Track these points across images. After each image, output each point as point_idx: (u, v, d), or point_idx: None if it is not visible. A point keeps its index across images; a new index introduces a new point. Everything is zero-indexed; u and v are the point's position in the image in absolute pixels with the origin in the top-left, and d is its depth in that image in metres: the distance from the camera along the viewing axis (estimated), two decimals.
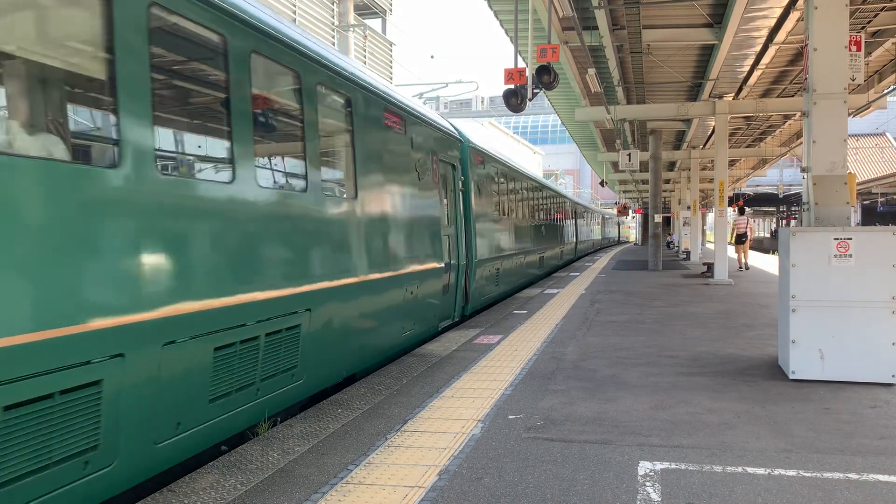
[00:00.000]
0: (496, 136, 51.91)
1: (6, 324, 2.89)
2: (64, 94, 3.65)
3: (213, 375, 4.32)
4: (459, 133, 11.05)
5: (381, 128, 7.14)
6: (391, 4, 25.05)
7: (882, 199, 44.69)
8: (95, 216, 3.38)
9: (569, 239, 28.66)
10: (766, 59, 15.18)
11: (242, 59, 4.67)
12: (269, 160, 5.28)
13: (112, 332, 3.43)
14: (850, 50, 7.00)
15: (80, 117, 3.84)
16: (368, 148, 6.72)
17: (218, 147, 4.67)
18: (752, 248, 30.57)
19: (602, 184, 37.30)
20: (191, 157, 4.62)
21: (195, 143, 4.68)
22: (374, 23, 24.34)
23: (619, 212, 55.53)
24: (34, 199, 3.05)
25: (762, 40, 14.11)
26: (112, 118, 3.60)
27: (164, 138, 4.13)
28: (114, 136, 3.59)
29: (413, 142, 8.26)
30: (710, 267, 19.64)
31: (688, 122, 22.68)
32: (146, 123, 3.76)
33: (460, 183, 10.62)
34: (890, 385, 6.21)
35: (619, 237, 78.17)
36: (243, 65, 4.68)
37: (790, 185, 57.38)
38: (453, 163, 10.28)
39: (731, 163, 33.75)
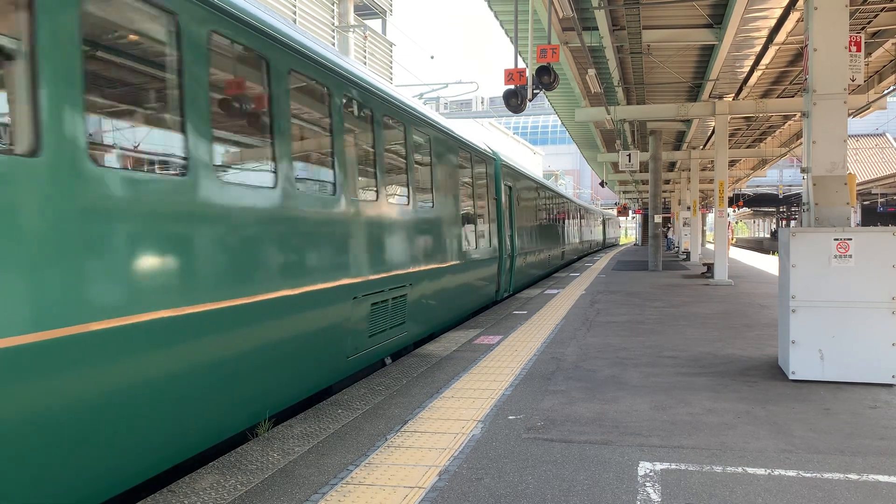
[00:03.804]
0: (496, 137, 51.93)
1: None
2: None
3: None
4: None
5: None
6: (391, 5, 25.05)
7: (882, 200, 44.69)
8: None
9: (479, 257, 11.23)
10: (766, 60, 15.19)
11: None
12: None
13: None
14: (849, 50, 7.00)
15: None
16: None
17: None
18: (751, 248, 30.51)
19: (602, 184, 37.27)
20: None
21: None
22: (375, 23, 24.35)
23: (619, 212, 54.94)
24: None
25: (762, 41, 14.12)
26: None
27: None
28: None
29: None
30: (710, 267, 19.65)
31: (688, 122, 22.70)
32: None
33: None
34: (890, 385, 6.21)
35: (604, 240, 57.19)
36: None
37: (790, 186, 57.41)
38: None
39: (731, 163, 33.79)
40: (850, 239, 6.34)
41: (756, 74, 16.34)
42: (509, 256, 14.23)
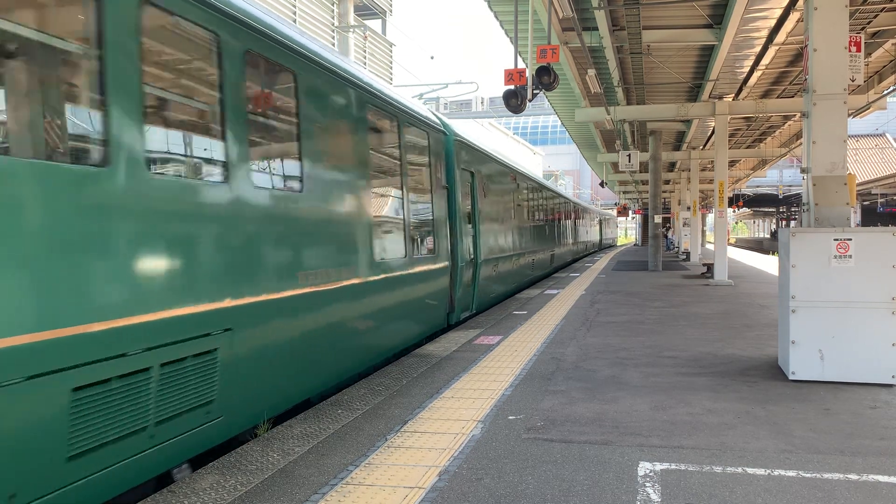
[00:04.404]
0: (496, 137, 51.94)
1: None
2: None
3: None
4: None
5: None
6: (391, 5, 25.06)
7: (882, 200, 44.70)
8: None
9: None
10: (765, 60, 15.20)
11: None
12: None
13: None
14: (849, 50, 7.00)
15: None
16: None
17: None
18: (750, 248, 30.43)
19: (602, 184, 37.30)
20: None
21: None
22: (375, 23, 24.35)
23: (619, 212, 54.84)
24: None
25: (762, 41, 14.12)
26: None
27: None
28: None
29: None
30: (709, 267, 19.65)
31: (688, 122, 22.70)
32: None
33: None
34: (890, 385, 6.21)
35: (600, 241, 51.86)
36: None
37: (790, 186, 57.42)
38: None
39: (731, 163, 33.80)
40: (850, 239, 6.34)
41: (756, 75, 16.34)
42: (471, 264, 10.98)
